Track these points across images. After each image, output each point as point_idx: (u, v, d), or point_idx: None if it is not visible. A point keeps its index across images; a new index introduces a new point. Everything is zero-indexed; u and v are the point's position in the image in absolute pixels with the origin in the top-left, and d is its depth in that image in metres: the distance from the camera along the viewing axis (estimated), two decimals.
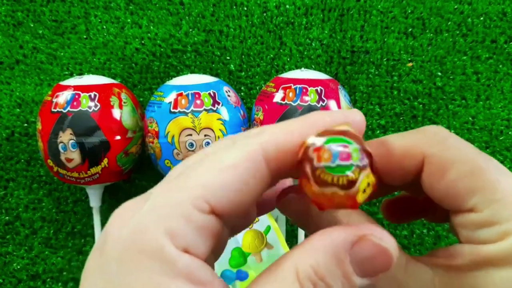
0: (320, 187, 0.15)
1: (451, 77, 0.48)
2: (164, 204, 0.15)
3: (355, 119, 0.17)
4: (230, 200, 0.15)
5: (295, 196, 0.19)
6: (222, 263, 0.40)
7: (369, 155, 0.15)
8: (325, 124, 0.16)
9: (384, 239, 0.15)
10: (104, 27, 0.50)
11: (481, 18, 0.48)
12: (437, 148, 0.18)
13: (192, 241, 0.15)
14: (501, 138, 0.46)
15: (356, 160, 0.15)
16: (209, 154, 0.16)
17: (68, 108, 0.40)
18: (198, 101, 0.39)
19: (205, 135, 0.39)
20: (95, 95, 0.40)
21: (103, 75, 0.46)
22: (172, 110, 0.39)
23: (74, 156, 0.40)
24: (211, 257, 0.16)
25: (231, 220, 0.16)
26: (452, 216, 0.18)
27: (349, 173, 0.15)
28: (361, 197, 0.15)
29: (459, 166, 0.17)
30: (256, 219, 0.42)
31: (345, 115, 0.17)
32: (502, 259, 0.16)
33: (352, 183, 0.15)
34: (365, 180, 0.15)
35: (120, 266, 0.14)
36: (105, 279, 0.14)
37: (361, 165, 0.15)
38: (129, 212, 0.15)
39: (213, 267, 0.17)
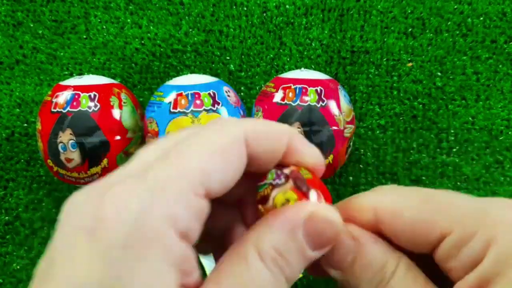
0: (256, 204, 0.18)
1: (451, 77, 0.48)
2: (164, 188, 0.15)
3: (314, 162, 0.19)
4: (221, 183, 0.16)
5: None
6: None
7: (286, 177, 0.18)
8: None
9: (330, 214, 0.17)
10: (104, 27, 0.50)
11: (481, 18, 0.48)
12: (388, 197, 0.19)
13: (190, 226, 0.15)
14: (501, 138, 0.46)
15: (270, 179, 0.18)
16: (200, 134, 0.17)
17: (68, 108, 0.40)
18: (198, 101, 0.39)
19: None
20: (95, 95, 0.40)
21: (103, 75, 0.46)
22: (172, 110, 0.39)
23: (74, 156, 0.40)
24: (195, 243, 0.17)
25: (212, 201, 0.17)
26: (439, 260, 0.17)
27: (260, 190, 0.18)
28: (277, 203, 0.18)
29: (411, 202, 0.18)
30: None
31: (311, 154, 0.19)
32: (491, 279, 0.15)
33: (265, 198, 0.18)
34: (281, 196, 0.17)
35: (124, 252, 0.14)
36: (106, 264, 0.14)
37: (274, 183, 0.18)
38: (125, 193, 0.15)
39: None
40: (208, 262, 0.37)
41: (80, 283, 0.14)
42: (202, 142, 0.16)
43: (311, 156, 0.19)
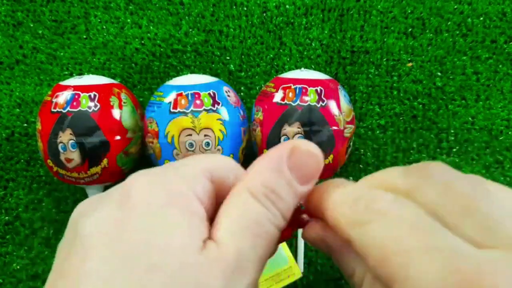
0: None
1: (451, 77, 0.48)
2: (187, 174, 0.18)
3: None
4: (221, 173, 0.19)
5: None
6: None
7: None
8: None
9: (311, 147, 0.19)
10: (104, 27, 0.50)
11: (481, 18, 0.48)
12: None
13: (203, 198, 0.18)
14: (501, 138, 0.46)
15: None
16: (202, 155, 0.21)
17: (68, 108, 0.40)
18: (198, 101, 0.39)
19: (205, 135, 0.39)
20: (95, 95, 0.40)
21: (103, 75, 0.46)
22: (172, 110, 0.39)
23: (74, 156, 0.40)
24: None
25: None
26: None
27: None
28: None
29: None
30: None
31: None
32: None
33: None
34: None
35: (157, 208, 0.17)
36: (143, 219, 0.16)
37: None
38: (154, 177, 0.18)
39: None
40: None
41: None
42: (208, 156, 0.20)
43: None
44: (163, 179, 0.18)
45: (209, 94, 0.40)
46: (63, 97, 0.40)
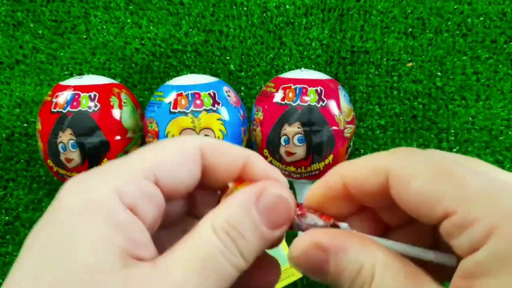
0: None
1: (451, 77, 0.48)
2: (115, 170, 0.17)
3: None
4: (171, 176, 0.18)
5: None
6: None
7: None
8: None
9: (282, 192, 0.18)
10: (104, 27, 0.50)
11: (481, 18, 0.48)
12: (401, 162, 0.18)
13: (137, 203, 0.16)
14: (501, 138, 0.46)
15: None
16: (159, 143, 0.19)
17: (68, 108, 0.40)
18: (198, 101, 0.39)
19: (205, 135, 0.39)
20: (95, 95, 0.40)
21: (103, 75, 0.46)
22: (172, 110, 0.39)
23: (74, 156, 0.40)
24: (151, 228, 0.18)
25: (169, 199, 0.18)
26: (442, 234, 0.17)
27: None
28: None
29: (423, 171, 0.17)
30: None
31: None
32: (484, 271, 0.15)
33: (224, 190, 0.20)
34: (237, 185, 0.19)
35: (71, 217, 0.15)
36: (58, 229, 0.15)
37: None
38: (81, 180, 0.17)
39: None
40: None
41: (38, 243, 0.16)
42: (160, 147, 0.18)
43: (270, 173, 0.19)
44: (88, 182, 0.17)
45: (209, 94, 0.40)
46: (63, 97, 0.40)
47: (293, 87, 0.40)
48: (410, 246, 0.18)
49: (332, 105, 0.40)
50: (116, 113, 0.41)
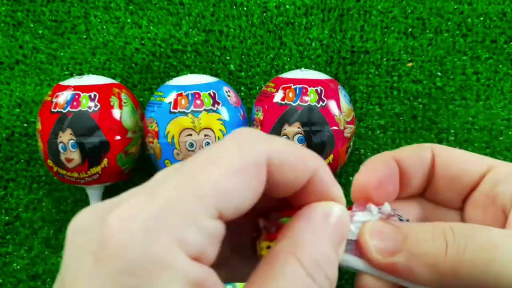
0: None
1: (451, 77, 0.48)
2: (175, 209, 0.13)
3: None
4: (236, 205, 0.15)
5: None
6: None
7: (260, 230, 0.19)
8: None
9: (343, 212, 0.18)
10: (104, 27, 0.50)
11: (481, 18, 0.48)
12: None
13: (202, 249, 0.14)
14: (501, 138, 0.46)
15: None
16: (218, 150, 0.15)
17: (68, 108, 0.40)
18: (198, 101, 0.39)
19: (205, 135, 0.39)
20: (95, 95, 0.40)
21: (103, 75, 0.46)
22: (172, 110, 0.39)
23: (74, 156, 0.40)
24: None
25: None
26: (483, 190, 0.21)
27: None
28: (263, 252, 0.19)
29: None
30: None
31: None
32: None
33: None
34: (264, 244, 0.19)
35: (132, 277, 0.13)
36: None
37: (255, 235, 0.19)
38: (130, 213, 0.14)
39: None
40: None
41: None
42: (219, 161, 0.15)
43: (334, 193, 0.18)
44: (143, 229, 0.13)
45: (209, 94, 0.40)
46: (63, 97, 0.40)
47: (293, 87, 0.40)
48: None
49: (332, 105, 0.40)
50: (116, 113, 0.41)
